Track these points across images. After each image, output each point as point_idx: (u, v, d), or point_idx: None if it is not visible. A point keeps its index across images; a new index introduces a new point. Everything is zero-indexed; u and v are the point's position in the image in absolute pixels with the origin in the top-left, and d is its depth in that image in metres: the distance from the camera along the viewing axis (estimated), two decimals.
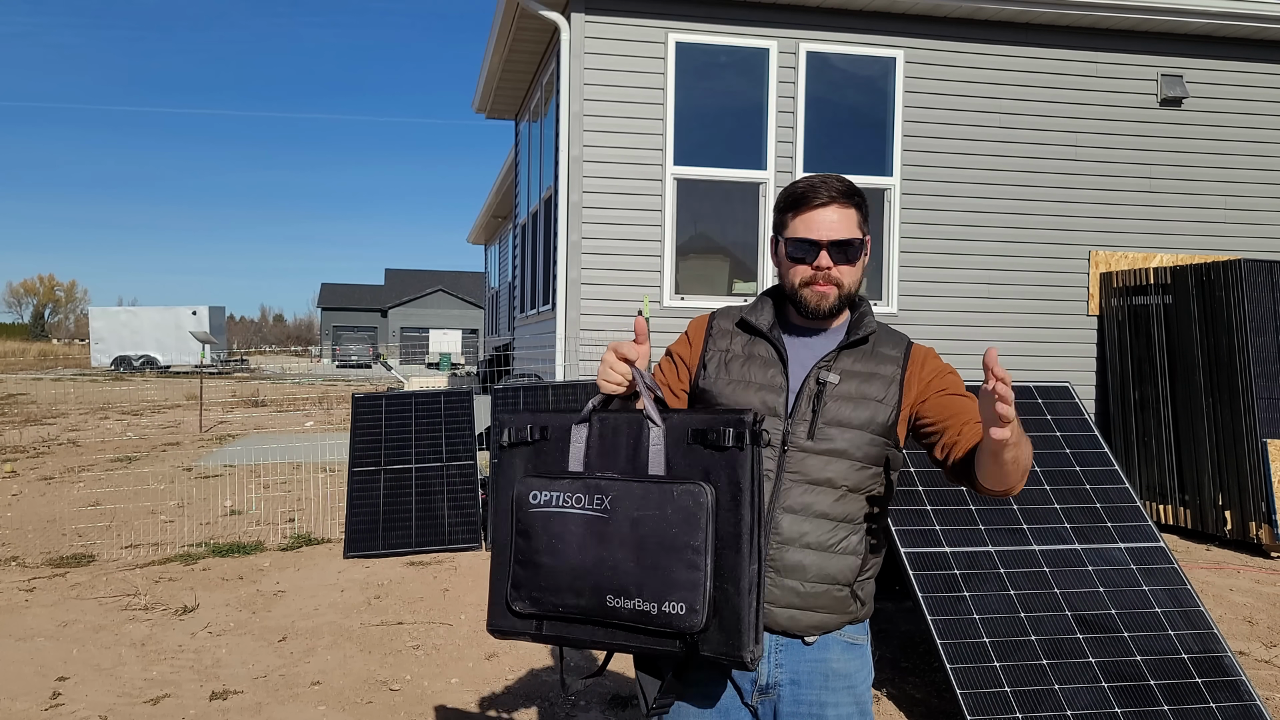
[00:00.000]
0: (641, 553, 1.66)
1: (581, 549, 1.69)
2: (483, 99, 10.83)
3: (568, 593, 1.70)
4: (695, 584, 1.63)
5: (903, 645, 4.54)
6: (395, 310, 66.02)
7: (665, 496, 1.67)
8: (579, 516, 1.71)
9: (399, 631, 4.76)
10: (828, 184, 1.90)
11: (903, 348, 1.97)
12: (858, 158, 7.84)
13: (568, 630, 1.73)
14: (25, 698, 3.93)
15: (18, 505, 8.19)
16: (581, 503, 1.71)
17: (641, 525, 1.67)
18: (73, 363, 43.41)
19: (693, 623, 1.62)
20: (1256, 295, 6.81)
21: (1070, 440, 4.44)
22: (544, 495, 1.74)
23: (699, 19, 7.54)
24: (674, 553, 1.64)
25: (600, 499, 1.70)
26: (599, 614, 1.68)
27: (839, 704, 1.90)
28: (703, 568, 1.63)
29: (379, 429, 6.69)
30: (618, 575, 1.66)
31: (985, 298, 8.00)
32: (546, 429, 1.81)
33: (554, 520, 1.72)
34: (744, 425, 1.68)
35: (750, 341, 1.98)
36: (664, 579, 1.64)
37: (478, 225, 21.47)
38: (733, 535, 1.66)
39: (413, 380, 20.50)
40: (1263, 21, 7.85)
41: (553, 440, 1.80)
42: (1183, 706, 3.41)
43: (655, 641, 1.67)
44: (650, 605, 1.64)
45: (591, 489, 1.72)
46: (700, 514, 1.65)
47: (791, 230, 1.92)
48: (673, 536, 1.65)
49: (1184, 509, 7.07)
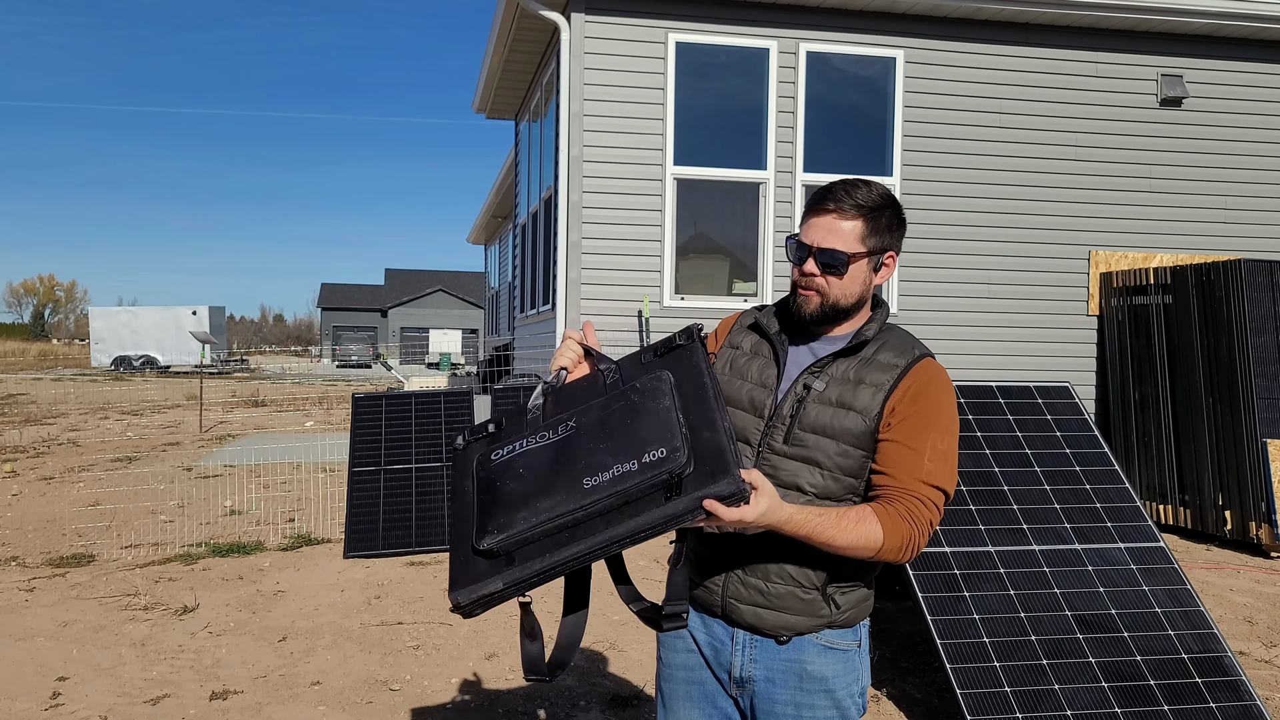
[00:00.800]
0: (613, 436, 1.63)
1: (552, 467, 1.63)
2: (483, 99, 10.83)
3: (537, 498, 1.60)
4: (670, 429, 1.61)
5: (903, 645, 4.54)
6: (395, 310, 66.01)
7: (630, 392, 1.69)
8: (545, 444, 1.68)
9: (399, 631, 4.76)
10: (848, 191, 1.85)
11: (906, 358, 1.87)
12: (858, 158, 7.84)
13: (542, 551, 1.58)
14: (25, 698, 3.93)
15: (18, 505, 8.19)
16: (545, 437, 1.68)
17: (611, 420, 1.66)
18: (73, 363, 43.41)
19: (677, 459, 1.56)
20: (1256, 295, 6.81)
21: (1070, 440, 4.44)
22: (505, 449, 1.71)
23: (699, 19, 7.54)
24: (644, 420, 1.63)
25: (565, 425, 1.69)
26: (575, 505, 1.57)
27: (815, 706, 1.89)
28: (675, 418, 1.63)
29: (379, 429, 6.69)
30: (590, 459, 1.61)
31: (985, 298, 8.00)
32: (502, 419, 1.80)
33: (518, 459, 1.67)
34: (691, 331, 1.77)
35: (758, 342, 1.99)
36: (637, 438, 1.61)
37: (478, 225, 21.47)
38: (698, 398, 1.67)
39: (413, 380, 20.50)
40: (1263, 21, 7.84)
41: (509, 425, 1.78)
42: (1183, 706, 3.41)
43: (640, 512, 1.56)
44: (630, 463, 1.58)
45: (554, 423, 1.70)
46: (664, 386, 1.68)
47: (800, 229, 1.94)
48: (641, 410, 1.65)
49: (1184, 509, 7.07)
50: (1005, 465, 4.27)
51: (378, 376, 33.21)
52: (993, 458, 4.29)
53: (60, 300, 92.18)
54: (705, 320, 7.64)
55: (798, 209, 7.72)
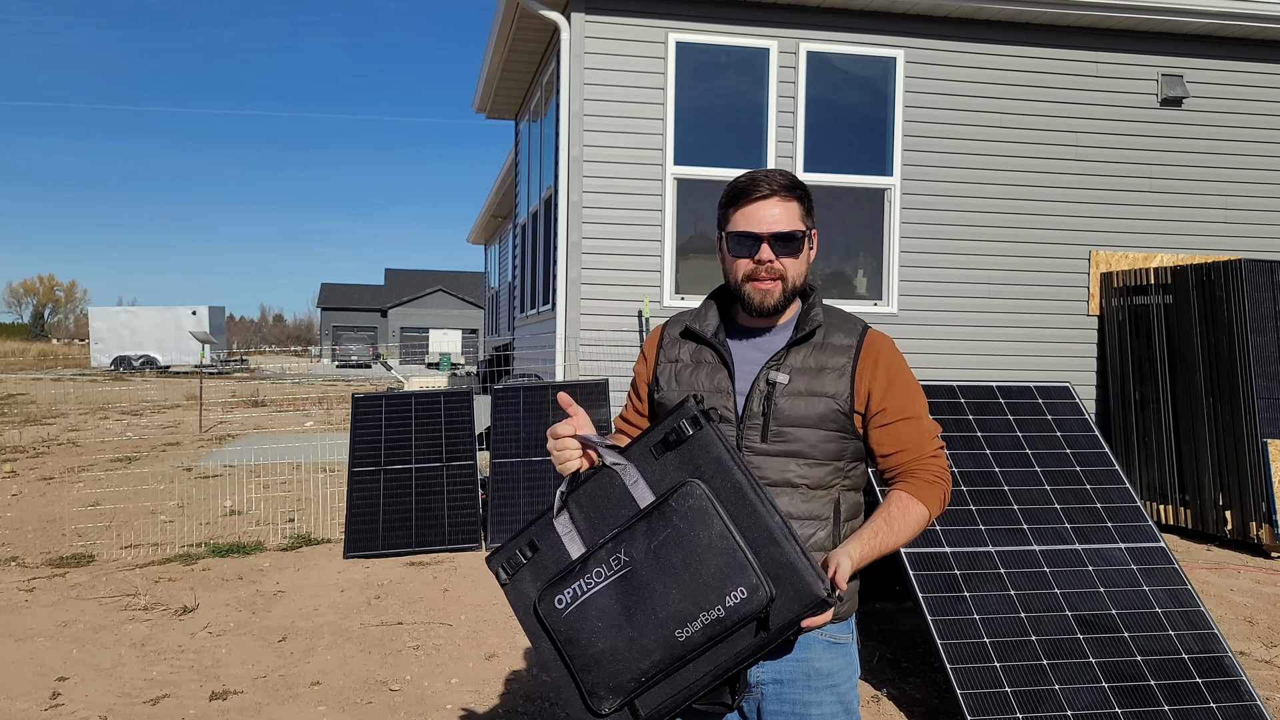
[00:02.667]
0: (679, 575, 1.64)
1: (629, 612, 1.65)
2: (483, 99, 10.83)
3: (639, 658, 1.64)
4: (741, 565, 1.62)
5: (903, 645, 4.54)
6: (395, 310, 66.00)
7: (667, 514, 1.66)
8: (608, 587, 1.67)
9: (399, 631, 4.75)
10: (769, 177, 1.89)
11: (855, 335, 1.94)
12: (858, 158, 7.84)
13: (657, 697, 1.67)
14: (25, 698, 3.93)
15: (17, 505, 8.18)
16: (602, 575, 1.68)
17: (665, 552, 1.65)
18: (72, 363, 43.41)
19: (760, 596, 1.61)
20: (1257, 295, 6.81)
21: (1070, 440, 4.43)
22: (567, 594, 1.70)
23: (699, 19, 7.54)
24: (706, 554, 1.63)
25: (616, 558, 1.67)
26: (677, 657, 1.64)
27: (822, 703, 1.90)
28: (738, 547, 1.62)
29: (379, 429, 6.69)
30: (671, 608, 1.63)
31: (985, 298, 7.99)
32: (534, 543, 1.78)
33: (588, 607, 1.68)
34: (689, 411, 1.71)
35: (697, 349, 1.96)
36: (712, 580, 1.62)
37: (478, 225, 21.47)
38: (740, 504, 1.67)
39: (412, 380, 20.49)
40: (1263, 21, 7.84)
41: (543, 547, 1.76)
42: (1183, 707, 3.40)
43: (739, 644, 1.64)
44: (716, 610, 1.62)
45: (603, 558, 1.68)
46: (705, 504, 1.65)
47: (733, 224, 1.90)
48: (695, 541, 1.64)
49: (1184, 509, 7.07)
50: (1005, 465, 4.27)
51: (377, 376, 33.20)
52: (993, 458, 4.29)
53: (60, 300, 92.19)
54: None
55: None
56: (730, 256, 1.91)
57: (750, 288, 1.89)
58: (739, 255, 1.89)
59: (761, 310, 1.90)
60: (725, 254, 1.94)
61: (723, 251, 1.95)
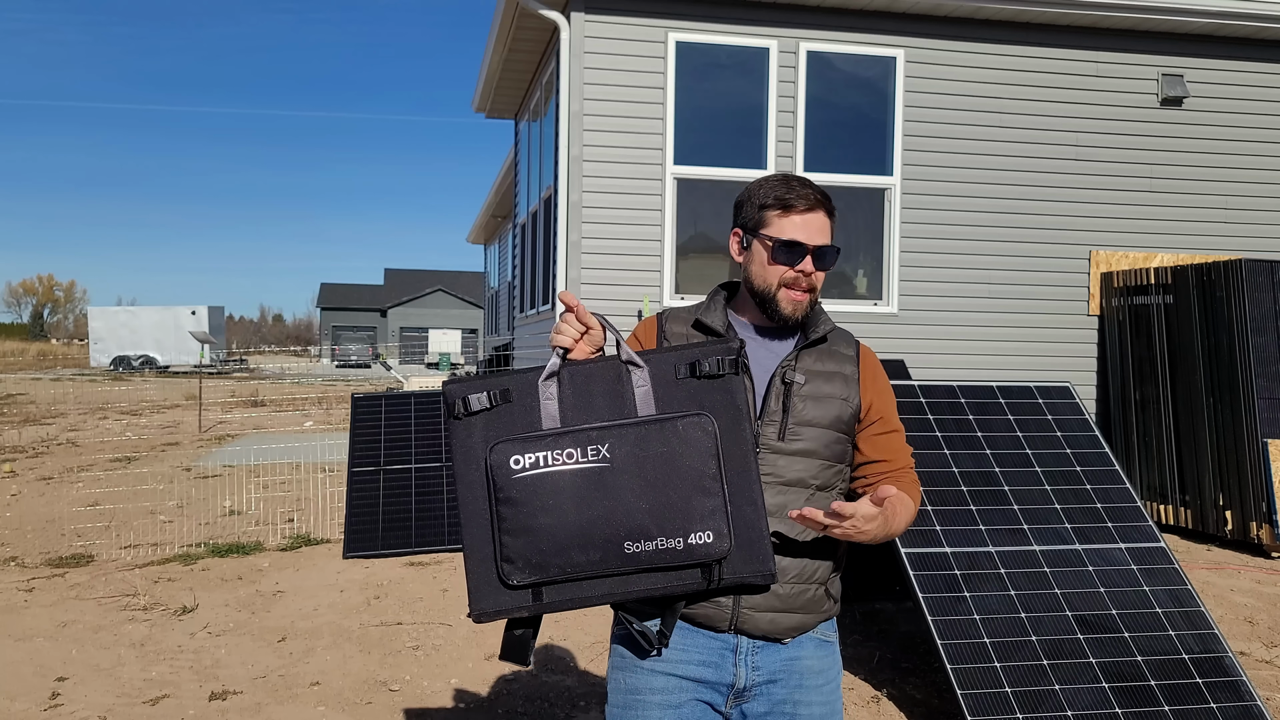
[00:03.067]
0: (655, 492, 1.63)
1: (584, 503, 1.62)
2: (482, 98, 10.83)
3: (575, 550, 1.62)
4: (717, 510, 1.63)
5: (903, 645, 4.53)
6: (395, 310, 65.99)
7: (670, 432, 1.65)
8: (575, 471, 1.64)
9: (398, 632, 4.75)
10: (811, 187, 1.91)
11: (853, 346, 2.01)
12: (858, 157, 7.84)
13: (572, 591, 1.65)
14: (25, 698, 3.92)
15: (17, 505, 8.18)
16: (574, 457, 1.64)
17: (649, 465, 1.64)
18: (72, 363, 43.40)
19: (721, 548, 1.63)
20: (1257, 295, 6.80)
21: (1070, 440, 4.43)
22: (528, 458, 1.64)
23: (699, 18, 7.53)
24: (690, 484, 1.63)
25: (596, 449, 1.64)
26: (614, 564, 1.63)
27: (812, 703, 1.90)
28: (721, 494, 1.64)
29: (378, 429, 6.68)
30: (632, 519, 1.62)
31: (986, 298, 7.99)
32: (507, 391, 1.71)
33: (545, 480, 1.63)
34: (733, 351, 1.70)
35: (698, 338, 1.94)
36: (684, 512, 1.63)
37: (477, 225, 21.46)
38: (739, 457, 1.68)
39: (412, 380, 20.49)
40: (1264, 21, 7.84)
41: (516, 401, 1.70)
42: (1183, 707, 3.40)
43: (676, 578, 1.65)
44: (675, 540, 1.62)
45: (582, 440, 1.65)
46: (709, 442, 1.65)
47: (778, 230, 1.89)
48: (685, 470, 1.64)
49: (1185, 509, 7.07)
50: (1006, 465, 4.26)
51: (377, 376, 33.20)
52: (993, 458, 4.29)
53: (59, 300, 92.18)
54: None
55: None
56: (771, 261, 1.90)
57: (784, 295, 1.89)
58: (781, 262, 1.88)
59: (789, 320, 1.91)
60: (761, 257, 1.91)
61: (752, 252, 1.93)
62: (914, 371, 7.61)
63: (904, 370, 6.65)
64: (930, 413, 4.39)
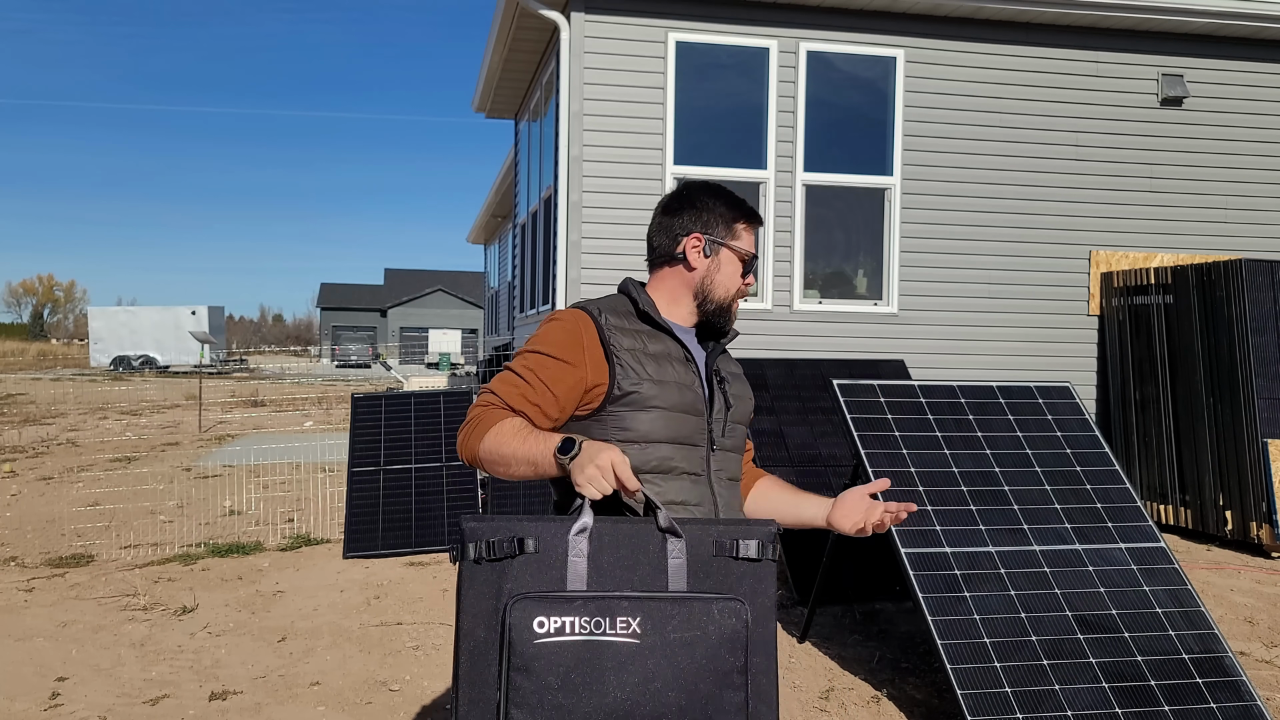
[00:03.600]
0: (684, 680, 1.48)
1: (610, 685, 1.47)
2: (482, 98, 10.83)
3: None
4: (740, 708, 1.52)
5: (903, 645, 4.53)
6: (395, 310, 65.98)
7: (703, 614, 1.51)
8: (602, 644, 1.47)
9: (398, 632, 4.75)
10: None
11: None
12: (858, 157, 7.84)
13: None
14: (24, 698, 3.92)
15: (17, 505, 8.18)
16: (602, 627, 1.48)
17: (679, 650, 1.49)
18: (71, 363, 43.40)
19: None
20: (1257, 295, 6.80)
21: (1071, 440, 4.43)
22: (553, 622, 1.47)
23: (699, 18, 7.53)
24: (717, 677, 1.50)
25: (626, 621, 1.48)
26: None
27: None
28: (745, 688, 1.53)
29: (378, 429, 6.68)
30: (659, 711, 1.47)
31: (986, 298, 7.99)
32: (533, 542, 1.53)
33: (569, 651, 1.46)
34: (772, 535, 1.60)
35: (652, 337, 1.90)
36: (710, 709, 1.50)
37: (477, 225, 21.46)
38: (764, 648, 1.57)
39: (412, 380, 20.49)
40: (1264, 21, 7.84)
41: (542, 553, 1.53)
42: (1183, 707, 3.40)
43: None
44: None
45: (611, 610, 1.49)
46: (741, 631, 1.53)
47: (746, 243, 1.99)
48: (718, 661, 1.51)
49: (1185, 509, 7.07)
50: (1005, 465, 4.26)
51: (377, 376, 33.20)
52: (993, 458, 4.29)
53: (59, 300, 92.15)
54: None
55: (798, 209, 7.71)
56: (737, 273, 1.98)
57: (735, 306, 2.00)
58: (744, 274, 1.98)
59: (729, 327, 2.00)
60: (731, 268, 1.97)
61: (720, 261, 1.95)
62: (914, 371, 7.61)
63: (904, 370, 6.65)
64: (930, 413, 4.39)
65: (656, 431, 1.83)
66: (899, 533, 3.90)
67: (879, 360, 6.77)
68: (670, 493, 1.83)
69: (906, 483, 4.11)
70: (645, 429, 1.82)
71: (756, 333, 7.66)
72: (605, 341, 1.83)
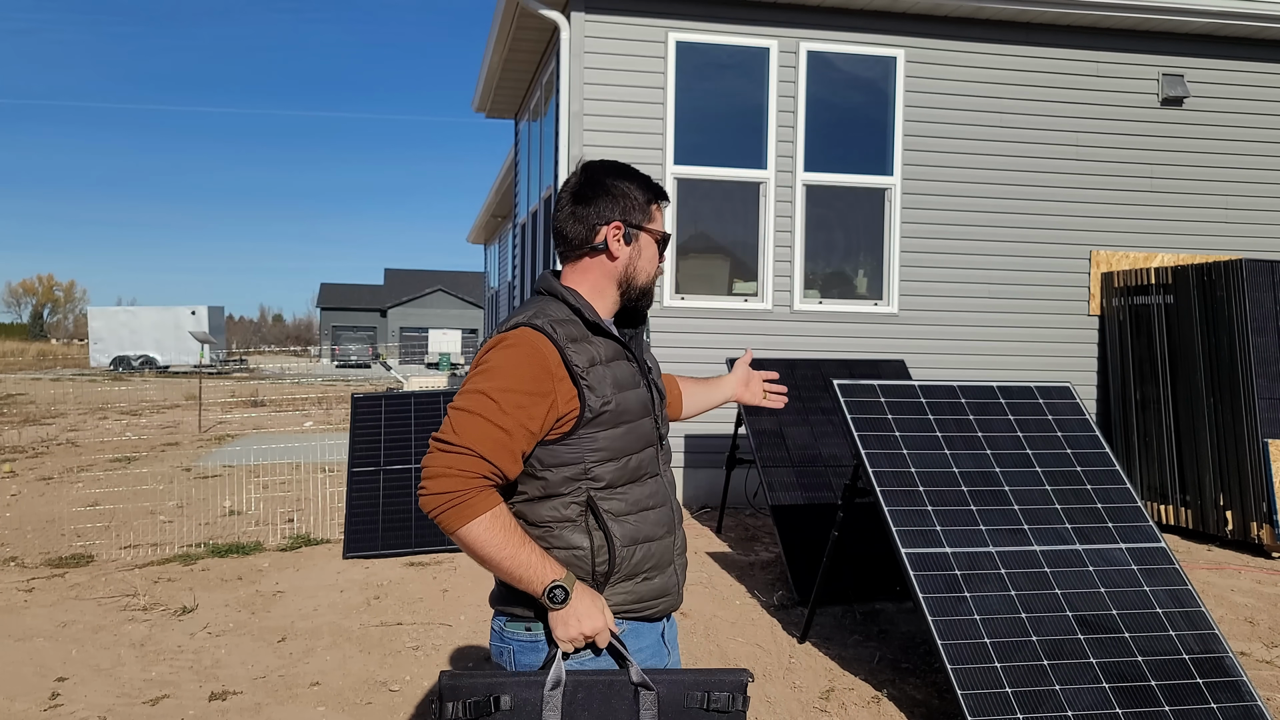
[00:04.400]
0: None
1: None
2: (482, 98, 10.83)
3: None
4: None
5: (903, 645, 4.53)
6: (395, 310, 65.99)
7: None
8: None
9: (398, 632, 4.75)
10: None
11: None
12: (858, 157, 7.84)
13: None
14: (24, 698, 3.92)
15: (17, 505, 8.18)
16: None
17: None
18: (71, 363, 43.40)
19: None
20: (1258, 295, 6.80)
21: (1071, 440, 4.43)
22: None
23: (699, 18, 7.53)
24: None
25: None
26: None
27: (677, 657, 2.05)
28: None
29: (378, 429, 6.68)
30: None
31: (986, 298, 7.99)
32: (511, 701, 1.57)
33: None
34: (741, 685, 1.62)
35: (605, 342, 1.88)
36: None
37: (477, 225, 21.46)
38: None
39: (412, 380, 20.49)
40: (1264, 21, 7.84)
41: (515, 710, 1.57)
42: (1184, 707, 3.40)
43: None
44: None
45: None
46: None
47: (660, 223, 1.93)
48: None
49: (1185, 509, 7.07)
50: (1006, 465, 4.26)
51: (377, 376, 33.20)
52: (993, 458, 4.28)
53: (59, 300, 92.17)
54: (706, 320, 7.62)
55: (798, 209, 7.71)
56: (655, 256, 1.94)
57: (654, 290, 1.97)
58: (660, 255, 1.95)
59: (646, 308, 1.97)
60: (651, 252, 1.93)
61: (640, 247, 1.91)
62: (914, 371, 7.61)
63: (904, 370, 6.65)
64: (930, 413, 4.39)
65: (631, 444, 1.84)
66: (899, 533, 3.90)
67: (879, 360, 6.77)
68: (644, 498, 1.87)
69: (907, 483, 4.11)
70: (621, 444, 1.83)
71: (756, 333, 7.65)
72: (568, 364, 1.78)
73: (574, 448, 1.79)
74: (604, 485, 1.82)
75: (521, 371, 1.74)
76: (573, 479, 1.80)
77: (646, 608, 1.87)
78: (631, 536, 1.84)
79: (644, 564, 1.85)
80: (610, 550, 1.81)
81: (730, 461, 6.47)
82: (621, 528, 1.82)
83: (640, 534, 1.85)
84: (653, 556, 1.86)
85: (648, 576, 1.86)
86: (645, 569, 1.85)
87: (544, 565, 1.72)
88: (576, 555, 1.80)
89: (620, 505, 1.83)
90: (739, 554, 6.17)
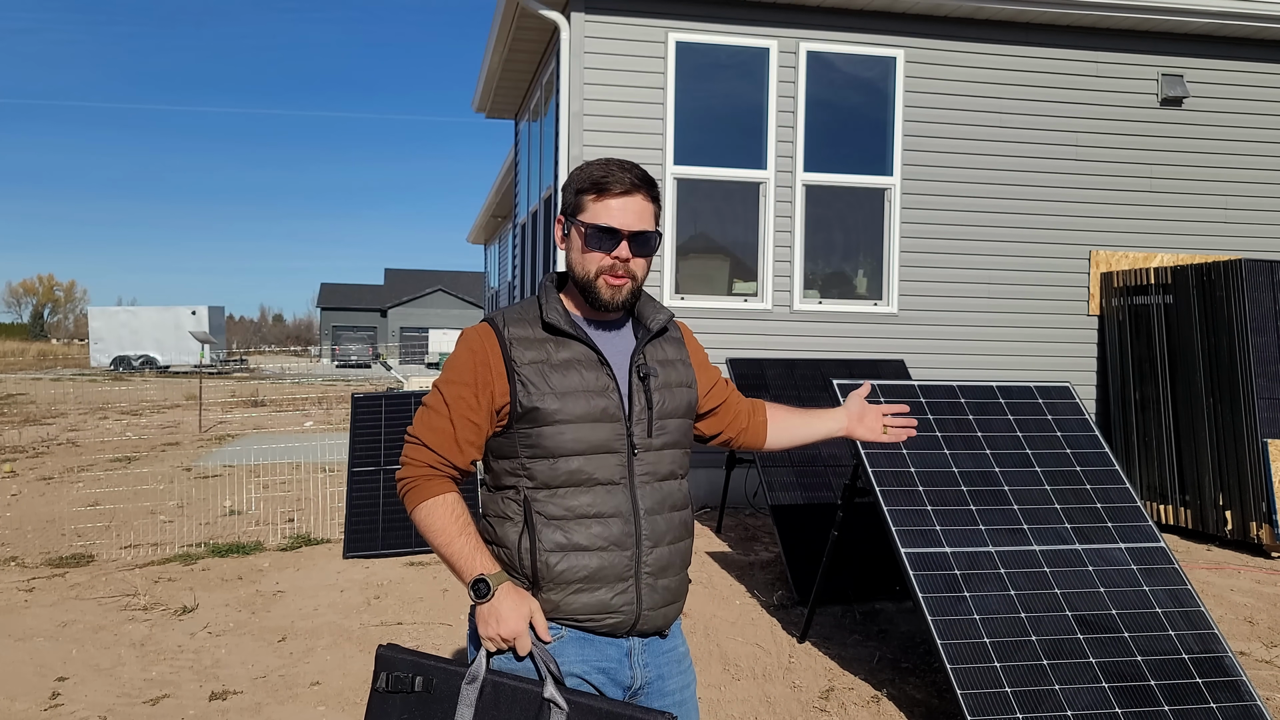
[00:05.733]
0: None
1: None
2: (482, 98, 10.83)
3: None
4: None
5: (903, 645, 4.53)
6: (395, 310, 65.99)
7: None
8: None
9: (399, 632, 4.75)
10: (630, 171, 1.85)
11: (676, 328, 2.03)
12: (858, 157, 7.84)
13: None
14: (25, 698, 3.92)
15: (17, 505, 8.18)
16: None
17: None
18: (72, 363, 43.40)
19: None
20: (1257, 295, 6.80)
21: (1070, 440, 4.43)
22: None
23: (699, 18, 7.53)
24: None
25: None
26: None
27: (685, 685, 1.96)
28: None
29: (379, 429, 6.68)
30: None
31: (986, 298, 7.99)
32: (431, 681, 1.65)
33: None
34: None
35: (559, 345, 1.85)
36: None
37: (477, 225, 21.47)
38: None
39: (412, 380, 20.49)
40: (1263, 21, 7.84)
41: (437, 694, 1.64)
42: (1183, 707, 3.40)
43: None
44: None
45: None
46: None
47: (591, 215, 1.83)
48: None
49: (1184, 509, 7.07)
50: (1005, 465, 4.26)
51: (377, 376, 33.20)
52: (993, 458, 4.29)
53: (59, 300, 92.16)
54: (706, 320, 7.62)
55: (798, 209, 7.72)
56: (586, 248, 1.84)
57: (603, 283, 1.83)
58: (596, 248, 1.83)
59: (610, 306, 1.86)
60: (578, 245, 1.86)
61: (571, 241, 1.88)
62: (914, 371, 7.61)
63: (904, 370, 6.65)
64: (930, 413, 4.39)
65: (564, 445, 1.79)
66: (899, 533, 3.90)
67: (879, 360, 6.77)
68: (583, 506, 1.80)
69: (906, 482, 4.11)
70: (551, 444, 1.79)
71: (756, 333, 7.66)
72: (507, 357, 1.81)
73: (512, 441, 1.83)
74: (536, 485, 1.80)
75: (462, 363, 1.84)
76: (511, 473, 1.83)
77: (587, 620, 1.80)
78: (558, 544, 1.78)
79: (573, 574, 1.78)
80: (533, 554, 1.78)
81: (730, 461, 6.47)
82: (549, 533, 1.78)
83: (571, 543, 1.78)
84: (584, 569, 1.78)
85: (582, 589, 1.79)
86: (577, 579, 1.78)
87: (474, 558, 1.76)
88: (505, 553, 1.81)
89: (554, 509, 1.79)
90: (739, 553, 6.17)
